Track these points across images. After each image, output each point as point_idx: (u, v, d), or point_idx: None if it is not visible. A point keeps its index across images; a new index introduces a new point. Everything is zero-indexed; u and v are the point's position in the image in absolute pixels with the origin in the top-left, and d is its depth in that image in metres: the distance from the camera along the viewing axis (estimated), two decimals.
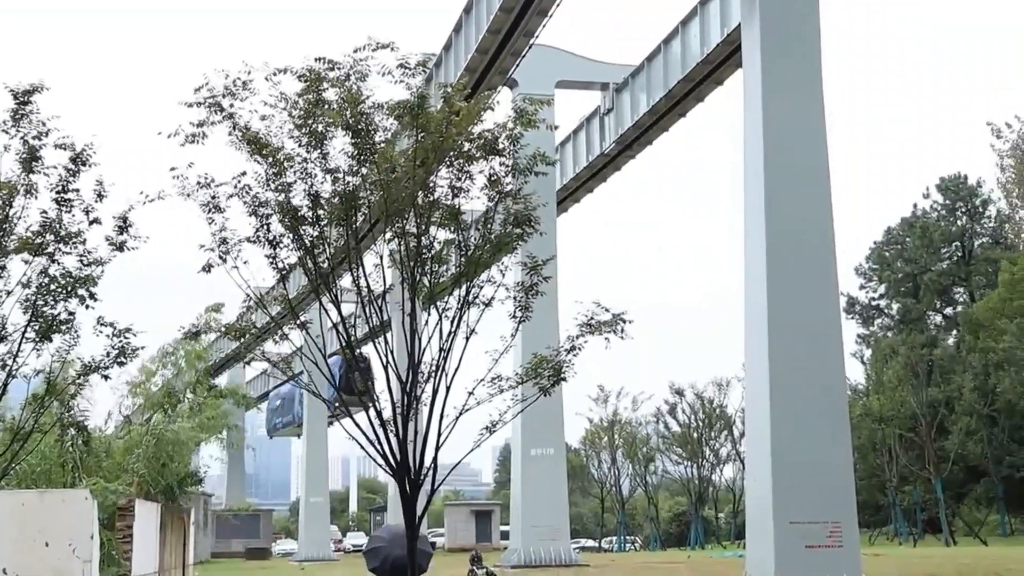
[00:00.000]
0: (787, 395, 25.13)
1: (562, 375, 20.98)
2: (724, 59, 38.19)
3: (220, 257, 19.98)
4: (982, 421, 69.34)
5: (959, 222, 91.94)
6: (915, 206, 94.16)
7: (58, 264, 21.60)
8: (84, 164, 21.49)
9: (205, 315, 38.38)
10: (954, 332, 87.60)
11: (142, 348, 23.30)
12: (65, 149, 21.48)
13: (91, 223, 21.67)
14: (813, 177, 26.51)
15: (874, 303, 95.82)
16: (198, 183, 19.80)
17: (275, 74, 19.77)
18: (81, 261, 21.76)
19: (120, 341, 22.24)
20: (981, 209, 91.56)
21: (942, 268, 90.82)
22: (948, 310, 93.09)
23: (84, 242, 21.71)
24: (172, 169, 19.86)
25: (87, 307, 21.87)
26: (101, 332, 22.23)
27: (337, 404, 21.17)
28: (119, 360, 22.46)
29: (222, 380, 78.95)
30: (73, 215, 21.54)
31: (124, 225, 21.82)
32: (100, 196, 21.63)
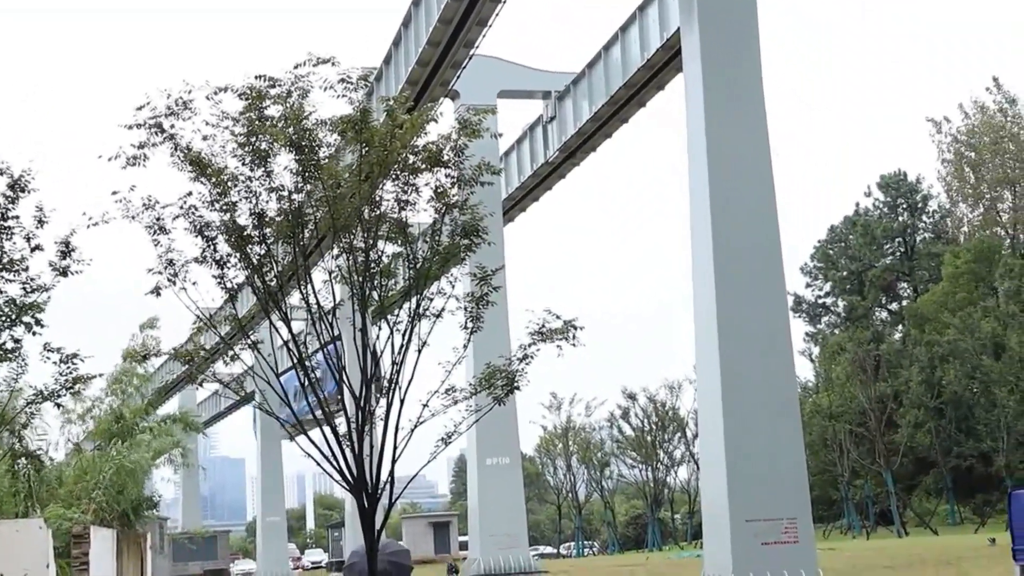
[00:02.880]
0: (739, 395, 25.32)
1: (515, 384, 21.02)
2: (665, 63, 38.42)
3: (168, 280, 19.85)
4: (929, 413, 70.19)
5: (901, 218, 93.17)
6: (857, 204, 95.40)
7: (1, 292, 21.36)
8: (23, 190, 21.23)
9: (141, 334, 37.88)
10: (900, 327, 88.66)
11: (99, 375, 23.10)
12: (2, 175, 21.23)
13: (33, 250, 21.43)
14: (757, 178, 26.75)
15: (820, 301, 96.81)
16: (144, 204, 19.66)
17: (216, 93, 19.67)
18: (24, 288, 21.52)
19: (68, 367, 22.03)
20: (922, 205, 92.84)
21: (886, 264, 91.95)
22: (893, 305, 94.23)
23: (27, 269, 21.48)
24: (114, 193, 19.70)
25: (34, 334, 21.65)
26: (48, 359, 22.02)
27: (340, 399, 20.87)
28: (70, 388, 22.26)
29: (173, 403, 78.30)
30: (14, 242, 21.31)
31: (67, 250, 21.60)
32: (41, 222, 21.40)
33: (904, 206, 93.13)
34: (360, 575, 5.43)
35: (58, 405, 23.14)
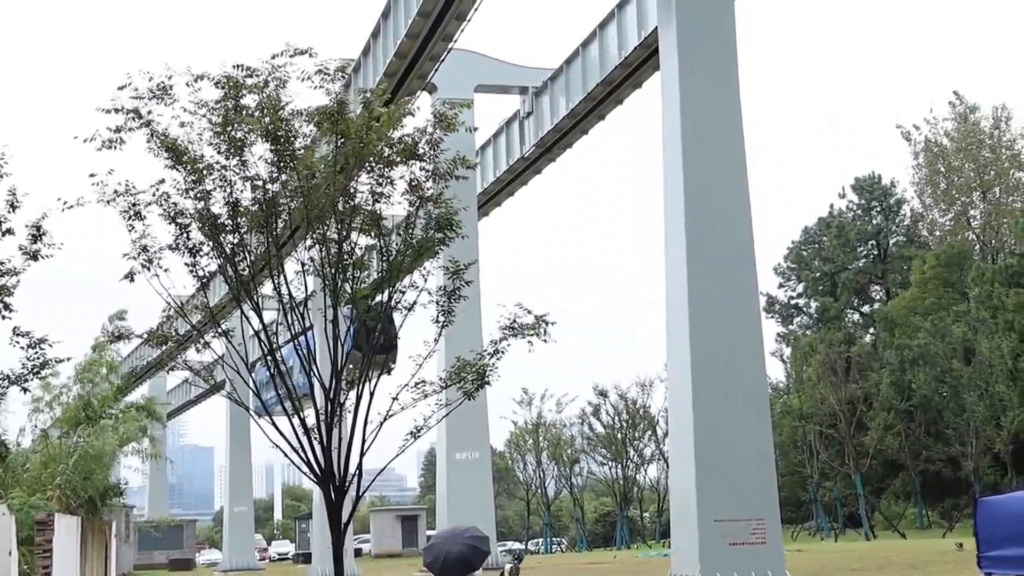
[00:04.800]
0: (709, 394, 25.34)
1: (486, 379, 21.01)
2: (642, 62, 38.45)
3: (143, 265, 19.76)
4: (899, 416, 70.53)
5: (874, 221, 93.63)
6: (831, 206, 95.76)
7: None
8: None
9: (110, 325, 37.71)
10: (871, 329, 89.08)
11: (67, 359, 22.95)
12: None
13: (3, 234, 21.26)
14: (731, 178, 26.77)
15: (793, 302, 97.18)
16: (115, 191, 19.54)
17: (195, 80, 19.58)
18: None
19: (36, 352, 21.88)
20: (895, 208, 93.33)
21: (859, 267, 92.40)
22: (865, 308, 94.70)
23: None
24: (92, 175, 19.58)
25: (2, 318, 21.48)
26: (17, 343, 21.86)
27: (352, 366, 20.59)
28: (37, 372, 22.12)
29: (143, 389, 77.93)
30: None
31: (38, 234, 21.43)
32: (13, 207, 21.23)
33: (878, 209, 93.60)
34: (438, 556, 5.42)
35: (25, 390, 22.96)
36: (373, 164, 19.99)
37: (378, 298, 20.73)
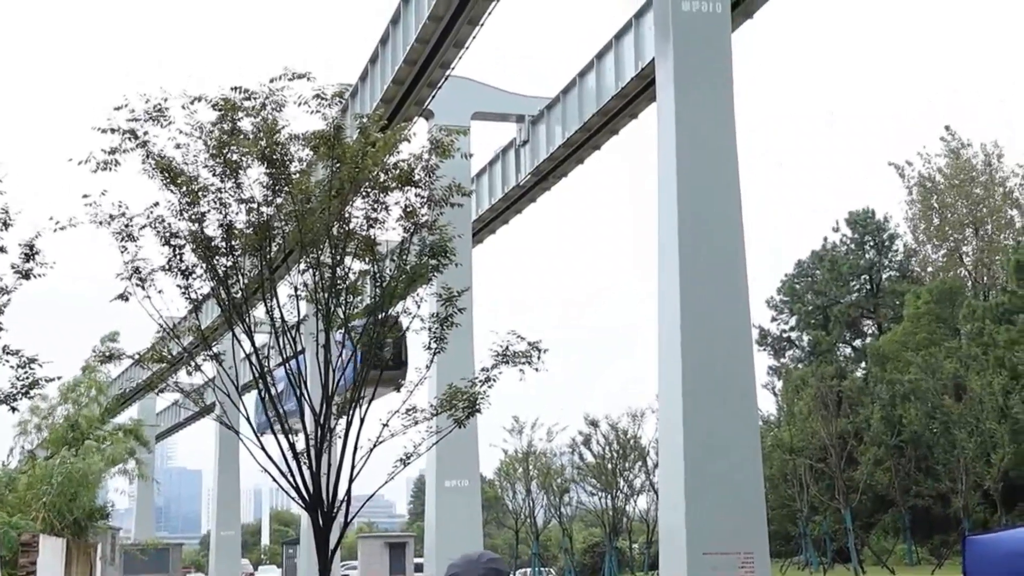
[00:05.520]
0: (700, 425, 25.26)
1: (477, 407, 20.95)
2: (638, 93, 38.56)
3: (138, 284, 19.71)
4: (889, 452, 70.36)
5: (867, 255, 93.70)
6: (825, 239, 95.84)
7: None
8: None
9: (102, 346, 37.66)
10: (862, 364, 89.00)
11: (58, 378, 22.87)
12: None
13: None
14: (725, 210, 26.78)
15: (785, 335, 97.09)
16: (110, 215, 19.49)
17: (192, 102, 19.57)
18: None
19: (26, 371, 21.77)
20: (889, 243, 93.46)
21: (851, 300, 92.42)
22: (857, 342, 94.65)
23: None
24: (85, 196, 19.54)
25: None
26: (7, 362, 21.75)
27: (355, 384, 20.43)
28: (26, 392, 22.01)
29: (132, 411, 77.62)
30: None
31: (30, 252, 21.35)
32: (5, 224, 21.16)
33: (871, 243, 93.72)
34: None
35: (13, 409, 22.86)
36: (368, 189, 19.99)
37: (385, 313, 20.70)
